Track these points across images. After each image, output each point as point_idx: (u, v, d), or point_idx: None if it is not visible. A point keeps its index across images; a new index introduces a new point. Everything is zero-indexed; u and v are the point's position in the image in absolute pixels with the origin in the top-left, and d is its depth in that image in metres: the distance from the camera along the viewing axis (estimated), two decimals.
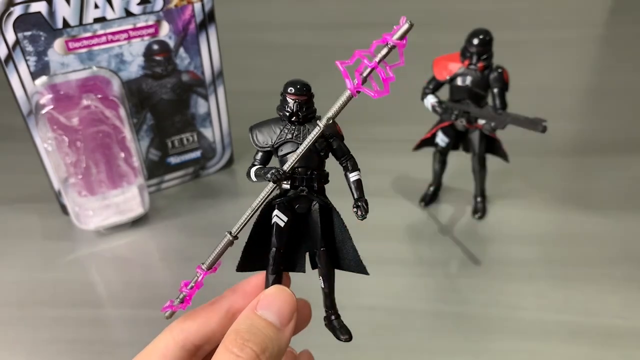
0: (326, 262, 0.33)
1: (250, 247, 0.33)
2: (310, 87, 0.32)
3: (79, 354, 0.54)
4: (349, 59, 0.28)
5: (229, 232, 0.32)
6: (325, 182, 0.33)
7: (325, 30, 1.11)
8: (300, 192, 0.32)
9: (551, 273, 0.61)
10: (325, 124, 0.30)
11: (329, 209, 0.33)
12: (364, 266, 0.33)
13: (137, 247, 0.67)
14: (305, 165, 0.32)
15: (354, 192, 0.33)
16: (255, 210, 0.32)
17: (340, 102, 0.29)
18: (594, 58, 1.04)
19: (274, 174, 0.31)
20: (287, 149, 0.32)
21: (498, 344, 0.54)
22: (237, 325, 0.29)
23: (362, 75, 0.28)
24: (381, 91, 0.28)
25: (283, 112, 0.32)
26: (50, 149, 0.61)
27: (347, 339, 0.32)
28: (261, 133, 0.33)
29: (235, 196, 0.74)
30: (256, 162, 0.34)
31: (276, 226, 0.33)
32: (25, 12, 0.55)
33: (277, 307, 0.29)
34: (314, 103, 0.33)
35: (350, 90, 0.28)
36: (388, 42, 0.27)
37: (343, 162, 0.33)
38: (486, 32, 0.59)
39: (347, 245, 0.33)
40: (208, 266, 0.32)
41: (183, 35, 0.64)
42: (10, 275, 0.63)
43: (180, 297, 0.32)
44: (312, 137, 0.30)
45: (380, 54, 0.27)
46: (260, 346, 0.28)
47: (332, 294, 0.34)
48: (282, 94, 0.32)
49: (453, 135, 0.65)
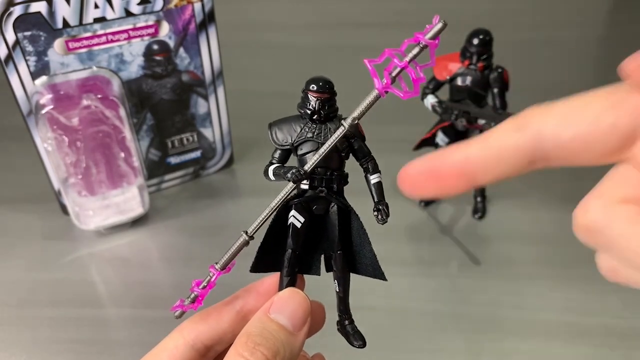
0: (342, 266, 0.32)
1: (265, 247, 0.32)
2: (333, 84, 0.31)
3: (79, 354, 0.54)
4: (378, 58, 0.27)
5: (245, 231, 0.31)
6: (345, 184, 0.33)
7: (325, 30, 1.11)
8: (319, 193, 0.32)
9: (551, 273, 0.61)
10: (351, 124, 0.29)
11: (348, 211, 0.32)
12: (382, 272, 0.32)
13: (137, 247, 0.66)
14: (325, 165, 0.31)
15: (375, 195, 0.32)
16: (274, 210, 0.31)
17: (367, 102, 0.28)
18: (594, 58, 1.04)
19: (295, 174, 0.30)
20: (307, 148, 0.31)
21: (498, 344, 0.54)
22: (248, 328, 0.28)
23: (391, 75, 0.27)
24: (410, 92, 0.27)
25: (304, 110, 0.31)
26: (50, 149, 0.61)
27: (360, 346, 0.32)
28: (281, 131, 0.32)
29: (235, 196, 0.74)
30: (274, 161, 0.33)
31: (292, 227, 0.32)
32: (25, 12, 0.55)
33: (290, 311, 0.29)
34: (336, 101, 0.32)
35: (379, 90, 0.27)
36: (420, 42, 0.26)
37: (364, 164, 0.33)
38: (486, 32, 0.59)
39: (365, 250, 0.32)
40: (222, 266, 0.31)
41: (183, 35, 0.64)
42: (10, 275, 0.63)
43: (192, 297, 0.31)
44: (336, 137, 0.29)
45: (412, 53, 0.26)
46: (271, 350, 0.27)
47: (346, 298, 0.33)
48: (304, 91, 0.31)
49: (453, 135, 0.65)
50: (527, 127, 0.23)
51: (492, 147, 0.23)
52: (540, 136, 0.22)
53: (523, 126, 0.23)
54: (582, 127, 0.22)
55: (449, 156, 0.24)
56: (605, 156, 0.22)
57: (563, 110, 0.22)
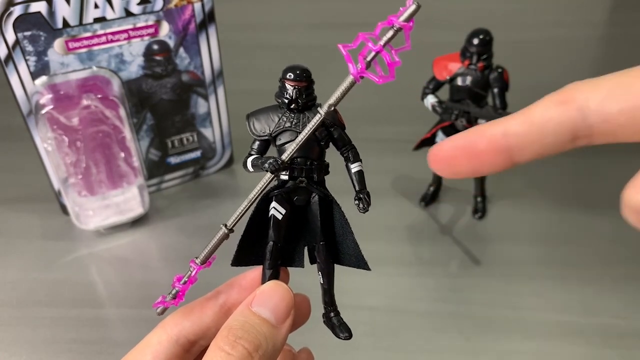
0: (325, 257, 0.32)
1: (246, 240, 0.32)
2: (310, 72, 0.31)
3: (79, 354, 0.54)
4: (352, 42, 0.26)
5: (224, 224, 0.30)
6: (326, 173, 0.32)
7: (325, 30, 1.11)
8: (299, 184, 0.31)
9: (551, 273, 0.61)
10: (327, 111, 0.28)
11: (329, 201, 0.32)
12: (365, 261, 0.32)
13: (137, 247, 0.66)
14: (304, 155, 0.30)
15: (356, 184, 0.32)
16: (252, 202, 0.30)
17: (343, 89, 0.27)
18: (594, 58, 1.04)
19: (272, 164, 0.29)
20: (286, 138, 0.31)
21: (498, 344, 0.54)
22: (230, 322, 0.28)
23: (366, 60, 0.26)
24: (386, 76, 0.26)
25: (282, 99, 0.31)
26: (50, 149, 0.61)
27: (346, 337, 0.31)
28: (258, 121, 0.32)
29: (235, 196, 0.74)
30: (253, 152, 0.32)
31: (273, 219, 0.31)
32: (25, 12, 0.55)
33: (273, 304, 0.28)
34: (314, 90, 0.31)
35: (354, 76, 0.26)
36: (394, 25, 0.25)
37: (344, 153, 0.32)
38: (486, 32, 0.59)
39: (348, 240, 0.32)
40: (202, 260, 0.31)
41: (183, 35, 0.64)
42: (10, 275, 0.63)
43: (173, 293, 0.31)
44: (312, 125, 0.28)
45: (386, 36, 0.25)
46: (253, 344, 0.26)
47: (331, 290, 0.32)
48: (281, 80, 0.31)
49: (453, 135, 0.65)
50: (572, 101, 0.22)
51: (534, 121, 0.22)
52: (585, 110, 0.22)
53: (568, 99, 0.22)
54: (630, 101, 0.21)
55: (486, 131, 0.24)
56: None
57: (610, 84, 0.22)
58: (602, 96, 0.22)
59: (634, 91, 0.21)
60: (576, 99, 0.22)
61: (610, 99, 0.21)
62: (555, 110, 0.22)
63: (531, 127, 0.23)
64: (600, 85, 0.22)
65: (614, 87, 0.21)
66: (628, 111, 0.21)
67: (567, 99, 0.22)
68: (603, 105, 0.21)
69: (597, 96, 0.22)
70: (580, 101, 0.22)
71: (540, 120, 0.22)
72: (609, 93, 0.21)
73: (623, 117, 0.21)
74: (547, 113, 0.22)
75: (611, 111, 0.21)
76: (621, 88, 0.21)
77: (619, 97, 0.21)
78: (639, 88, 0.21)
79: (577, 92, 0.22)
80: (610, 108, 0.21)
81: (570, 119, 0.22)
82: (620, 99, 0.21)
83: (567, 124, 0.22)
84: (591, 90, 0.22)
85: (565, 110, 0.22)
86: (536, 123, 0.22)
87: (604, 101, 0.21)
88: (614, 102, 0.21)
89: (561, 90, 0.23)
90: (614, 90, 0.21)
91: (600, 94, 0.22)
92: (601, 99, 0.21)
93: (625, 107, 0.21)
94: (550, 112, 0.22)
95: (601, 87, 0.22)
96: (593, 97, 0.22)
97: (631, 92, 0.21)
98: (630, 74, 0.22)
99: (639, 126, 0.21)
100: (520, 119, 0.23)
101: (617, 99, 0.21)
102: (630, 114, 0.21)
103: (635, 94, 0.21)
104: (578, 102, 0.22)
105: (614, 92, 0.21)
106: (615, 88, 0.21)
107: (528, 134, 0.23)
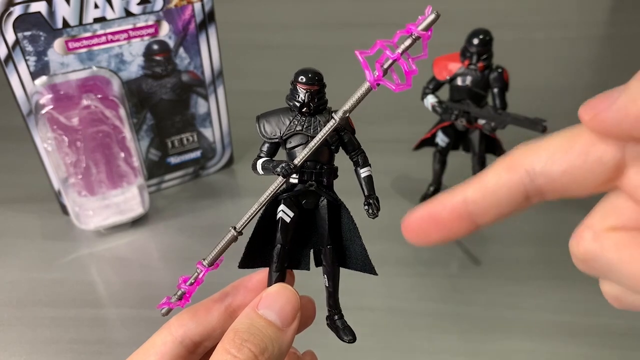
0: (332, 260, 0.32)
1: (254, 243, 0.32)
2: (322, 76, 0.31)
3: (79, 354, 0.54)
4: (370, 49, 0.26)
5: (234, 227, 0.30)
6: (335, 177, 0.32)
7: (325, 30, 1.11)
8: (309, 187, 0.31)
9: (551, 273, 0.61)
10: (342, 117, 0.28)
11: (338, 206, 0.32)
12: (372, 266, 0.32)
13: (136, 247, 0.66)
14: (314, 159, 0.30)
15: (365, 188, 0.32)
16: (262, 205, 0.30)
17: (359, 95, 0.27)
18: (594, 58, 1.04)
19: (285, 168, 0.29)
20: (296, 141, 0.31)
21: (498, 344, 0.54)
22: (236, 324, 0.28)
23: (383, 67, 0.26)
24: (403, 84, 0.26)
25: (293, 103, 0.31)
26: (50, 149, 0.61)
27: (350, 340, 0.32)
28: (269, 123, 0.31)
29: (235, 196, 0.74)
30: (262, 154, 0.32)
31: (282, 222, 0.31)
32: (25, 12, 0.55)
33: (279, 307, 0.28)
34: (325, 93, 0.31)
35: (370, 83, 0.26)
36: (412, 33, 0.25)
37: (354, 157, 0.32)
38: (486, 32, 0.59)
39: (356, 244, 0.32)
40: (210, 262, 0.30)
41: (183, 35, 0.64)
42: (10, 275, 0.63)
43: (179, 294, 0.31)
44: (326, 130, 0.28)
45: (404, 45, 0.26)
46: (259, 347, 0.27)
47: (336, 293, 0.32)
48: (292, 83, 0.31)
49: (453, 135, 0.65)
50: (519, 165, 0.24)
51: (488, 188, 0.24)
52: (532, 173, 0.23)
53: (515, 165, 0.24)
54: (570, 162, 0.23)
55: (447, 200, 0.25)
56: (596, 187, 0.23)
57: (551, 146, 0.23)
58: (545, 159, 0.23)
59: (575, 151, 0.22)
60: (522, 163, 0.24)
61: (553, 161, 0.23)
62: (505, 176, 0.24)
63: (486, 194, 0.24)
64: (543, 148, 0.23)
65: (555, 150, 0.23)
66: (570, 172, 0.23)
67: (514, 165, 0.24)
68: (546, 168, 0.23)
69: (540, 160, 0.23)
70: (526, 165, 0.23)
71: (494, 187, 0.24)
72: (551, 155, 0.23)
73: (566, 177, 0.23)
74: (498, 180, 0.24)
75: (555, 173, 0.23)
76: (562, 150, 0.23)
77: (560, 159, 0.23)
78: (578, 149, 0.22)
79: (522, 157, 0.24)
80: (553, 170, 0.23)
81: (519, 183, 0.24)
82: (562, 160, 0.23)
83: (517, 188, 0.24)
84: (535, 154, 0.23)
85: (513, 176, 0.24)
86: (490, 190, 0.24)
87: (547, 164, 0.23)
88: (556, 165, 0.23)
89: (509, 154, 0.24)
90: (556, 153, 0.23)
91: (543, 157, 0.23)
92: (544, 162, 0.23)
93: (567, 169, 0.23)
94: (501, 178, 0.24)
95: (544, 150, 0.23)
96: (537, 160, 0.23)
97: (572, 152, 0.22)
98: (571, 132, 0.23)
99: (582, 184, 0.23)
100: (476, 186, 0.24)
101: (559, 161, 0.23)
102: (572, 174, 0.23)
103: (576, 154, 0.22)
104: (525, 167, 0.23)
105: (556, 155, 0.23)
106: (556, 150, 0.23)
107: (484, 200, 0.24)
